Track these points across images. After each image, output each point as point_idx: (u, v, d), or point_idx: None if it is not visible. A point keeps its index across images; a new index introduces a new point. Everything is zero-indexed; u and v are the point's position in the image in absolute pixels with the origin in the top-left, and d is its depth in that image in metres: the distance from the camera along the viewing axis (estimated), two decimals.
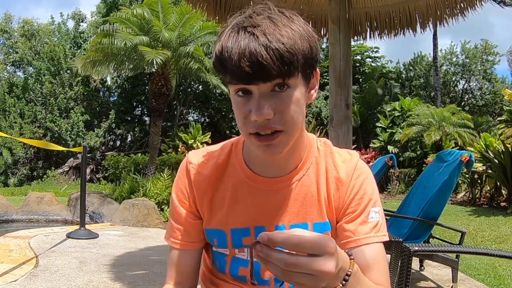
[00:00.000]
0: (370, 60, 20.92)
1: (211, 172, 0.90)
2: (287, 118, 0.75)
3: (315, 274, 0.59)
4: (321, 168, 0.89)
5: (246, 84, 0.73)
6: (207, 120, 19.77)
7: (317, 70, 0.83)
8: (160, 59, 8.93)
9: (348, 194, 0.88)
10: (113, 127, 18.16)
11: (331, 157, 0.91)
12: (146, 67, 10.81)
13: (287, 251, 0.59)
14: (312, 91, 0.83)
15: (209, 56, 10.63)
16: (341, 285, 0.64)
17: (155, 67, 10.29)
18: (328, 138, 3.31)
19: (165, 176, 7.85)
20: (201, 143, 13.85)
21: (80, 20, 19.42)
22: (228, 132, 17.16)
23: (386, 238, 0.88)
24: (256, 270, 0.89)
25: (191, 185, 0.91)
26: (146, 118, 19.10)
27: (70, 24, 19.44)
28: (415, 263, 3.78)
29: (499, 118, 11.69)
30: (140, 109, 19.51)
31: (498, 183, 8.34)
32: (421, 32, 3.76)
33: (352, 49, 3.62)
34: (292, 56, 0.72)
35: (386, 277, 0.84)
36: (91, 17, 19.46)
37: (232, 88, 0.76)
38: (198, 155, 0.93)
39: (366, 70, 20.05)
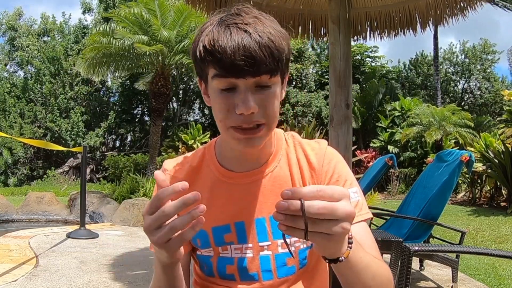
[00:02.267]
0: (370, 60, 20.93)
1: (186, 175, 0.93)
2: (269, 112, 0.79)
3: (340, 217, 0.60)
4: (292, 158, 0.92)
5: (235, 77, 0.75)
6: (208, 120, 19.77)
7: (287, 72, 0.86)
8: (154, 51, 8.94)
9: (323, 180, 0.90)
10: (113, 127, 18.16)
11: (300, 147, 0.94)
12: (145, 67, 10.82)
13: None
14: (283, 91, 0.87)
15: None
16: (349, 249, 0.66)
17: (154, 64, 10.29)
18: (328, 138, 3.28)
19: None
20: (201, 143, 13.84)
21: (87, 10, 19.36)
22: None
23: (370, 216, 0.90)
24: (243, 266, 0.89)
25: None
26: (146, 118, 19.11)
27: (74, 20, 19.45)
28: (415, 263, 3.79)
29: (499, 118, 11.70)
30: (140, 109, 19.51)
31: (498, 183, 8.34)
32: (421, 32, 3.76)
33: (352, 49, 3.61)
34: (280, 54, 0.76)
35: (377, 251, 0.86)
36: (95, 12, 19.41)
37: (217, 82, 0.77)
38: (173, 163, 0.96)
39: (367, 70, 20.06)
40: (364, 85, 19.21)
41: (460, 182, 9.79)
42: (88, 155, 15.23)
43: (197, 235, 0.89)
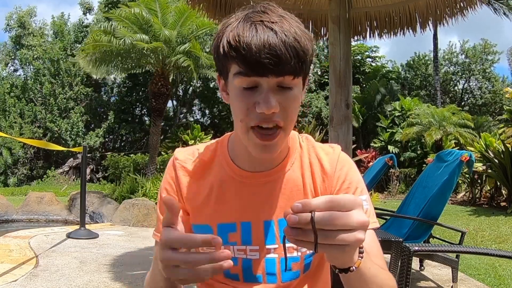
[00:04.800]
0: (370, 60, 20.94)
1: (197, 168, 0.92)
2: (289, 114, 0.77)
3: (354, 227, 0.58)
4: (305, 161, 0.91)
5: (258, 76, 0.73)
6: (208, 121, 19.77)
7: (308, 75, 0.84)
8: (154, 47, 8.96)
9: (334, 186, 0.89)
10: (113, 127, 18.17)
11: (314, 151, 0.92)
12: (144, 66, 10.82)
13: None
14: (303, 93, 0.85)
15: (206, 51, 10.62)
16: (360, 259, 0.65)
17: (154, 64, 10.29)
18: (328, 138, 3.27)
19: None
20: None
21: (88, 10, 19.30)
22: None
23: (377, 225, 0.89)
24: (248, 267, 0.89)
25: (177, 180, 0.92)
26: (146, 118, 19.11)
27: (73, 19, 19.42)
28: (415, 263, 3.78)
29: (499, 117, 11.71)
30: (140, 109, 19.52)
31: (498, 183, 8.34)
32: (421, 32, 3.76)
33: (352, 49, 3.61)
34: (305, 55, 0.75)
35: (383, 261, 0.85)
36: (97, 11, 19.34)
37: (240, 80, 0.75)
38: (184, 152, 0.95)
39: (367, 70, 20.07)
40: (364, 85, 19.23)
41: (460, 182, 9.80)
42: (88, 155, 15.22)
43: (202, 230, 0.90)
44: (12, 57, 19.18)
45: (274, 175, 0.89)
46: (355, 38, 3.98)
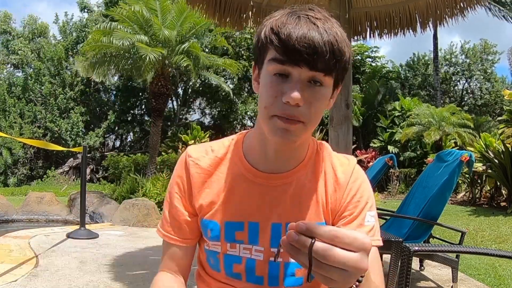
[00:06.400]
0: (370, 60, 20.94)
1: (209, 164, 0.91)
2: (312, 111, 0.78)
3: (349, 270, 0.57)
4: (320, 169, 0.91)
5: (292, 64, 0.75)
6: (208, 121, 19.77)
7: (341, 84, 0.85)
8: (154, 56, 8.93)
9: (345, 197, 0.89)
10: (113, 127, 18.15)
11: (329, 159, 0.92)
12: (145, 67, 10.80)
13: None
14: (332, 100, 0.85)
15: (206, 50, 10.57)
16: (354, 286, 0.63)
17: (154, 64, 10.27)
18: (328, 138, 3.27)
19: (165, 176, 7.86)
20: None
21: (84, 9, 19.21)
22: (229, 132, 17.14)
23: (380, 243, 0.88)
24: (251, 267, 0.88)
25: (189, 178, 0.91)
26: (146, 118, 19.11)
27: (76, 18, 19.29)
28: (415, 263, 3.78)
29: (499, 118, 11.69)
30: (140, 109, 19.51)
31: (498, 183, 8.34)
32: (421, 32, 3.76)
33: (352, 49, 3.61)
34: (341, 54, 0.77)
35: (381, 279, 0.85)
36: (96, 8, 19.26)
37: (273, 66, 0.77)
38: (197, 149, 0.94)
39: (367, 70, 20.06)
40: (364, 85, 19.22)
41: (460, 182, 9.79)
42: (88, 155, 15.21)
43: (209, 225, 0.89)
44: (6, 61, 19.14)
45: (288, 178, 0.88)
46: (355, 38, 3.97)
